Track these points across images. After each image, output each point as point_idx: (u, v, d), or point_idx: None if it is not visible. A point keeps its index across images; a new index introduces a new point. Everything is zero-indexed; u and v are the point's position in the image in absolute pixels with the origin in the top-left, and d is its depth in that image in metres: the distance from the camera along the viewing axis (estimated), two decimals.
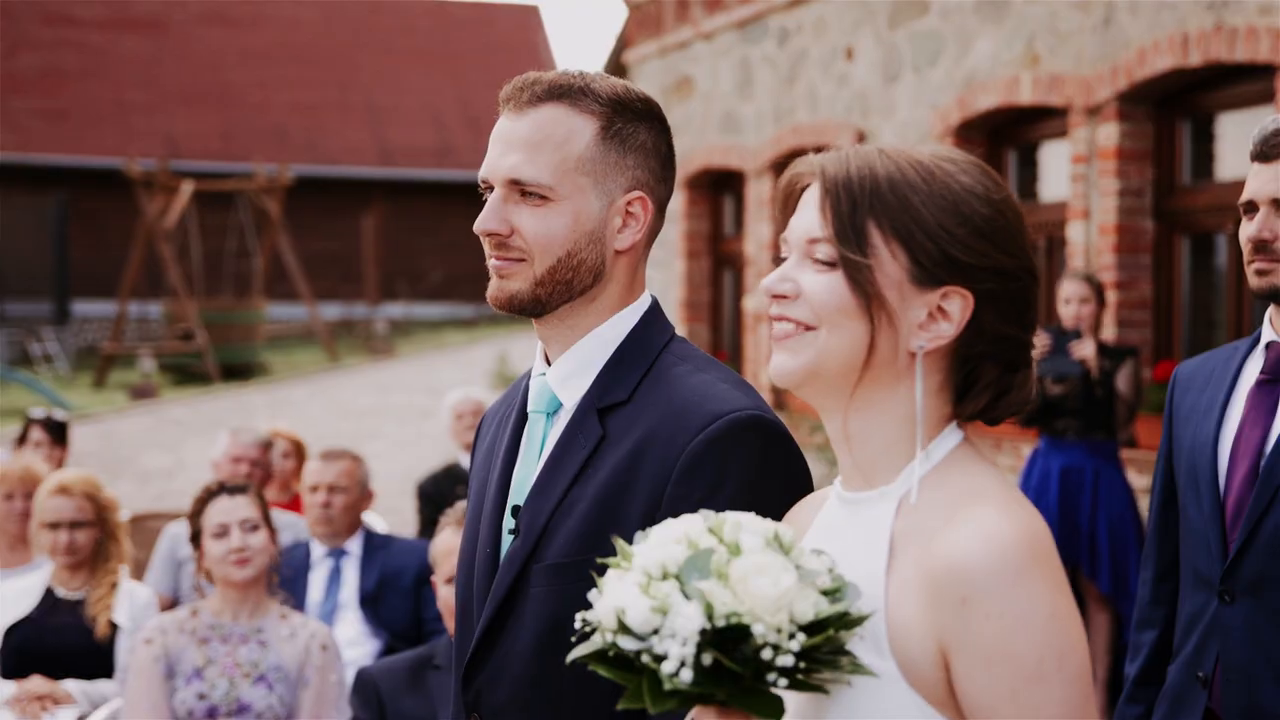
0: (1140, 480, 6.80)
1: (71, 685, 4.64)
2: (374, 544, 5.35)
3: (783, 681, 1.42)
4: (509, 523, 2.00)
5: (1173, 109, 7.04)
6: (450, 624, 3.73)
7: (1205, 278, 7.25)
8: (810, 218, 1.60)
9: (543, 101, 1.97)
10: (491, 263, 2.00)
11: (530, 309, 1.99)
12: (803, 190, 1.64)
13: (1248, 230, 2.72)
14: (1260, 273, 2.70)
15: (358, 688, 3.77)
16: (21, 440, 7.13)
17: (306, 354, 24.97)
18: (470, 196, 29.06)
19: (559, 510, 1.92)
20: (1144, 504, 6.52)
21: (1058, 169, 7.87)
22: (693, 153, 10.99)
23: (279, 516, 5.76)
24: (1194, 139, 7.12)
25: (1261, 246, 2.69)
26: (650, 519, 1.82)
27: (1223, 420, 2.74)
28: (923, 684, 1.48)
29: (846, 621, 1.46)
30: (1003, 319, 1.57)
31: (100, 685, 4.67)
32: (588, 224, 1.97)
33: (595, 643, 1.48)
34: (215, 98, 29.26)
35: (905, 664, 1.49)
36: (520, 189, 1.96)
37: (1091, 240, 7.23)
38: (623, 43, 12.54)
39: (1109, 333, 7.06)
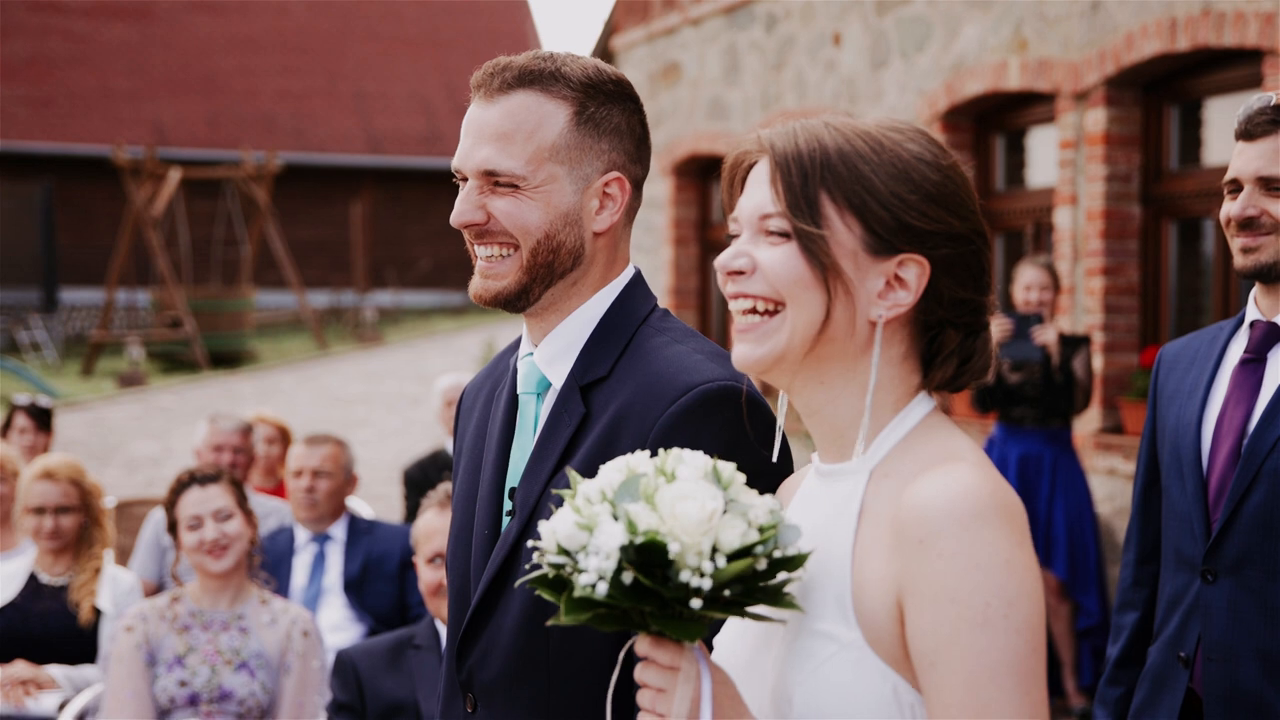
0: (1128, 466, 6.80)
1: (55, 670, 4.63)
2: (358, 529, 5.34)
3: (697, 603, 1.44)
4: (507, 505, 2.01)
5: (1161, 94, 7.03)
6: (431, 603, 3.72)
7: (1193, 263, 7.25)
8: (761, 194, 1.59)
9: (513, 88, 1.96)
10: (479, 263, 2.00)
11: (515, 302, 2.00)
12: (749, 168, 1.64)
13: (1231, 209, 2.70)
14: (1246, 250, 2.68)
15: (337, 669, 3.77)
16: (6, 427, 7.11)
17: (295, 342, 24.92)
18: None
19: (548, 488, 1.94)
20: (1129, 489, 6.52)
21: (1045, 155, 7.86)
22: (680, 139, 10.97)
23: (263, 502, 5.75)
24: (1182, 124, 7.11)
25: (1247, 224, 2.67)
26: None
27: (1207, 400, 2.72)
28: (885, 647, 1.49)
29: (788, 561, 1.48)
30: (959, 284, 1.58)
31: (84, 670, 4.66)
32: (562, 207, 1.97)
33: (540, 569, 1.53)
34: (202, 85, 29.16)
35: (869, 628, 1.49)
36: (493, 179, 1.96)
37: (1079, 226, 7.23)
38: (610, 29, 12.51)
39: (1098, 318, 7.07)
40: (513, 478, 2.02)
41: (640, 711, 1.53)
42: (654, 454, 1.84)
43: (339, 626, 5.09)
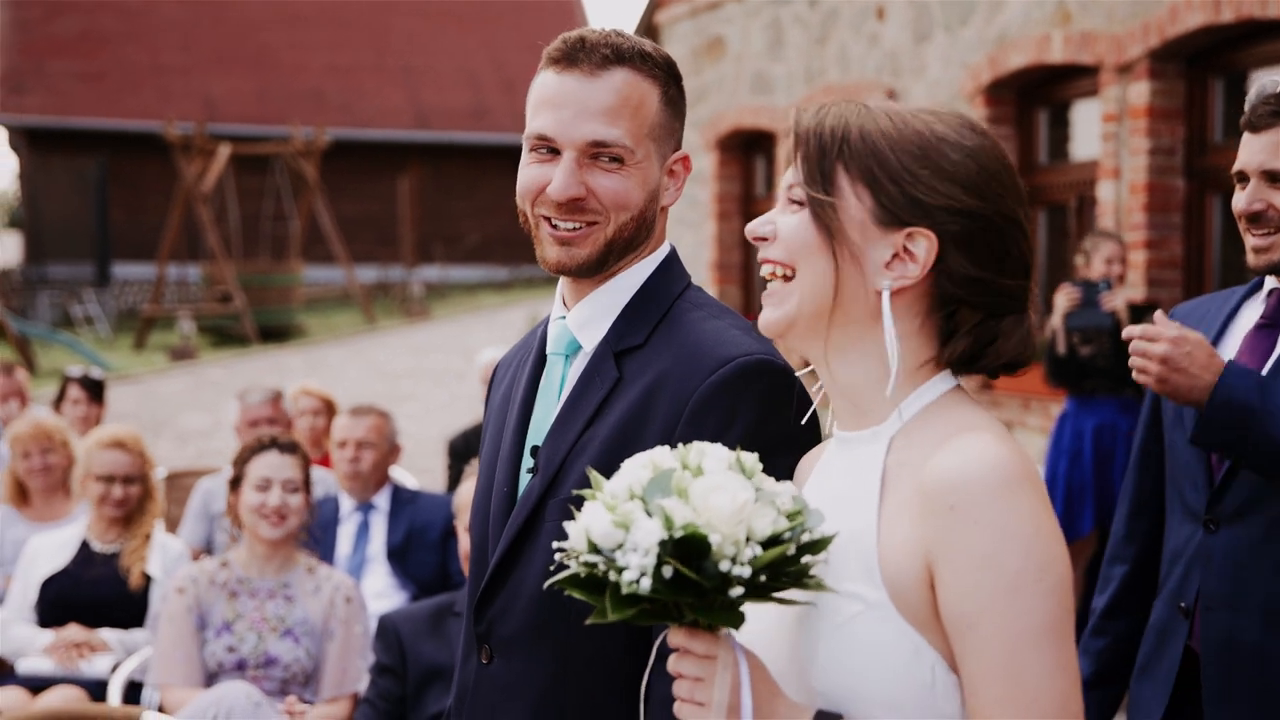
0: None
1: (107, 634, 4.75)
2: (402, 498, 5.43)
3: (739, 591, 1.48)
4: (528, 462, 2.06)
5: (1205, 66, 6.99)
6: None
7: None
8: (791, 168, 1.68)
9: (613, 65, 2.00)
10: (558, 232, 2.02)
11: (594, 270, 2.04)
12: None
13: (1239, 203, 2.69)
14: (1257, 250, 2.67)
15: (380, 633, 3.85)
16: (60, 398, 7.24)
17: (343, 316, 25.13)
18: (507, 159, 29.23)
19: (575, 448, 1.98)
20: None
21: (1089, 128, 7.83)
22: (724, 114, 10.98)
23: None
24: (1226, 97, 7.06)
25: (1255, 218, 2.67)
26: None
27: None
28: (910, 609, 1.53)
29: (813, 544, 1.52)
30: (972, 262, 1.60)
31: (134, 634, 4.78)
32: (651, 184, 2.04)
33: (570, 568, 1.55)
34: (252, 61, 29.35)
35: (895, 591, 1.53)
36: (596, 152, 2.00)
37: (1122, 199, 7.20)
38: (654, 4, 12.51)
39: (1140, 292, 7.04)
40: (534, 436, 2.07)
41: (677, 701, 1.56)
42: (690, 423, 1.90)
43: (382, 594, 5.18)
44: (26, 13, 28.58)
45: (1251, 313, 2.76)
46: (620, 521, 1.49)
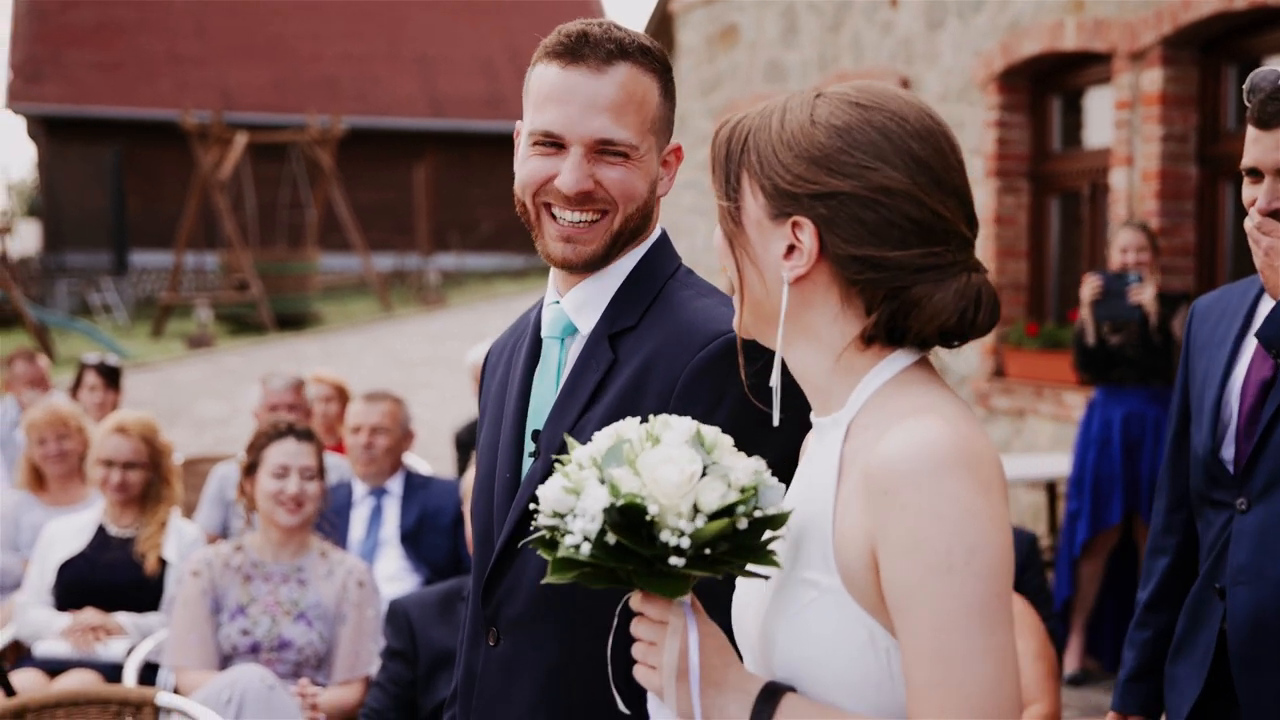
0: None
1: (123, 617, 4.80)
2: (414, 484, 5.47)
3: (678, 561, 1.51)
4: (529, 446, 2.10)
5: (1218, 53, 6.98)
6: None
7: None
8: None
9: (617, 60, 2.03)
10: (563, 227, 2.06)
11: (599, 265, 2.09)
12: None
13: (1261, 201, 2.62)
14: (1268, 267, 2.60)
15: (390, 617, 3.89)
16: (76, 385, 7.30)
17: (359, 304, 25.20)
18: None
19: (574, 430, 2.03)
20: None
21: (1101, 115, 7.82)
22: (737, 102, 10.98)
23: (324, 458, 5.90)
24: (1238, 84, 7.04)
25: (1274, 215, 2.63)
26: None
27: (1236, 354, 2.74)
28: (863, 594, 1.54)
29: (770, 520, 1.55)
30: (848, 242, 1.58)
31: (149, 618, 4.83)
32: (652, 175, 2.08)
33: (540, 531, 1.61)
34: (268, 50, 29.41)
35: (847, 576, 1.55)
36: (602, 147, 2.03)
37: (1135, 186, 7.20)
38: None
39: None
40: (534, 420, 2.11)
41: (636, 664, 1.61)
42: (682, 398, 1.95)
43: (395, 577, 5.23)
44: (44, 3, 28.69)
45: (1270, 302, 2.75)
46: (572, 488, 1.54)
